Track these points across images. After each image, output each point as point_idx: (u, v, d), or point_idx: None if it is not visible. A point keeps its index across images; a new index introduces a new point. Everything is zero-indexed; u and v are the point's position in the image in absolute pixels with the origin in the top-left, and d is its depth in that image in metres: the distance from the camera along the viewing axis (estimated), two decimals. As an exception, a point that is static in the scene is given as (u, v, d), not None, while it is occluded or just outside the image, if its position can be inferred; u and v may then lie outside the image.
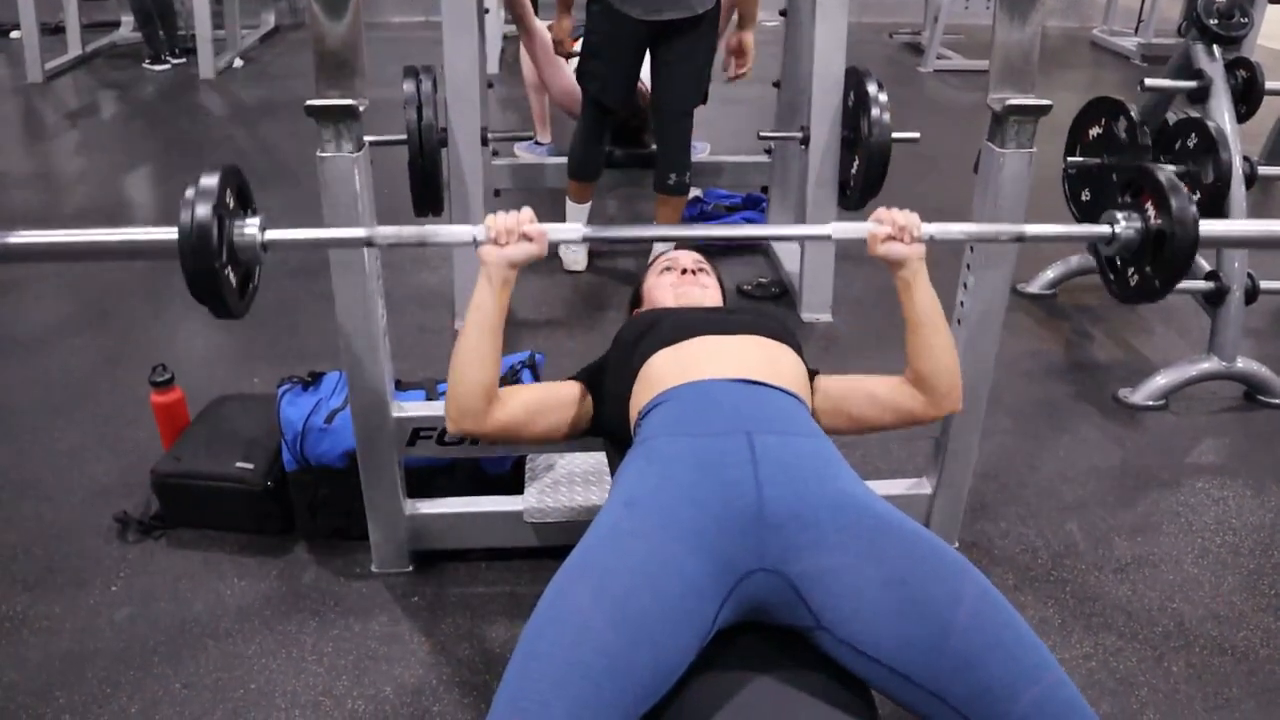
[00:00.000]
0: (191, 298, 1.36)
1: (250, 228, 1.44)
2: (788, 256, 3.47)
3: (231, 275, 1.42)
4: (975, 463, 2.08)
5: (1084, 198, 2.88)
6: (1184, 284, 2.80)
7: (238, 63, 6.58)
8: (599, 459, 2.08)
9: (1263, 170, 2.94)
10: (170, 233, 1.35)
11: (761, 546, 1.23)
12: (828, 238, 1.59)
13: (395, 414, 1.86)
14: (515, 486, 2.07)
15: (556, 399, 1.65)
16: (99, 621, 1.91)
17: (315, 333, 2.98)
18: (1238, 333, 2.73)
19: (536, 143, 4.39)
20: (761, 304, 3.30)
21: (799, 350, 1.65)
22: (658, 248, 3.40)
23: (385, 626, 1.91)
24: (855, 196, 2.88)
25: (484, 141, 3.00)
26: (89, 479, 2.33)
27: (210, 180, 1.38)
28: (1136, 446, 2.59)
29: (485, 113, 3.00)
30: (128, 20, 6.88)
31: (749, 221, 3.71)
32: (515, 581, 2.03)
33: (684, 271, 1.83)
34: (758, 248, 3.73)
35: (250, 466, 2.08)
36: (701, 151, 4.29)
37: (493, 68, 5.61)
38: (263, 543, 2.12)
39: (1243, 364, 2.76)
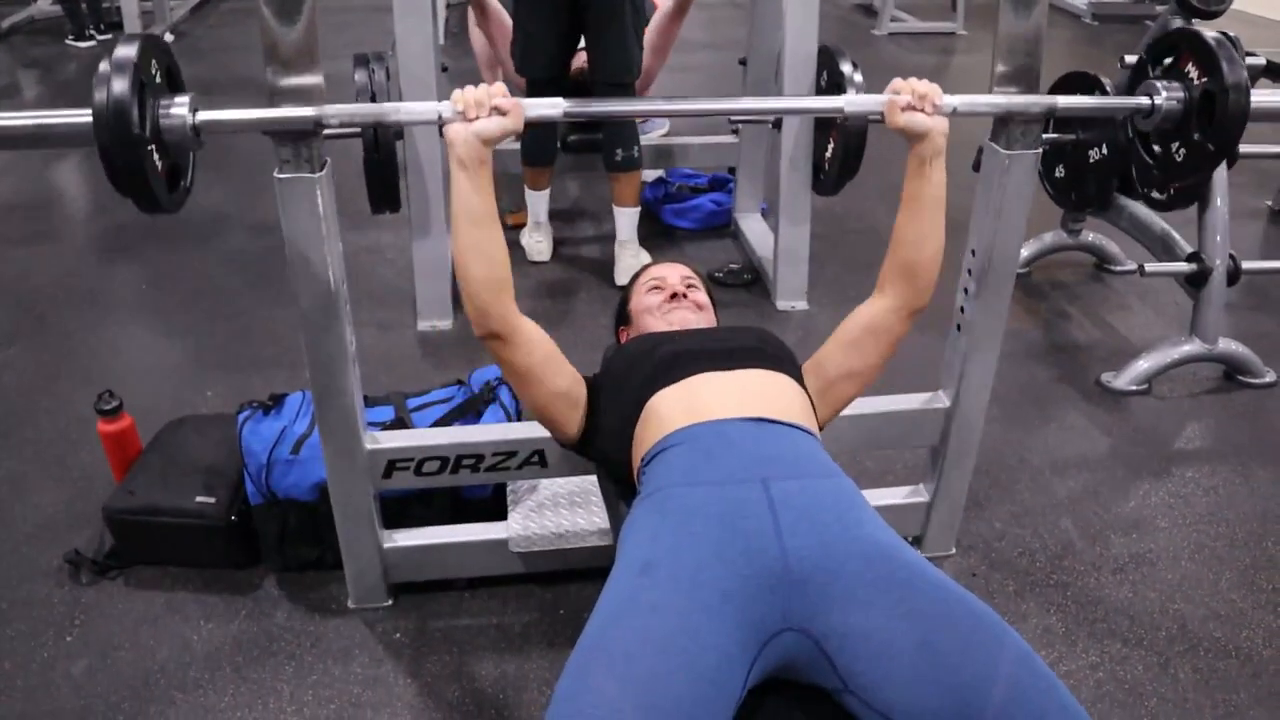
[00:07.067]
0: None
1: (179, 107, 1.30)
2: (758, 240, 3.37)
3: (159, 161, 1.28)
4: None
5: (1058, 174, 2.82)
6: (1164, 266, 2.76)
7: (168, 37, 6.24)
8: (581, 481, 1.98)
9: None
10: (86, 114, 1.21)
11: (787, 604, 1.14)
12: (840, 110, 1.54)
13: (369, 446, 1.74)
14: (497, 512, 1.96)
15: (565, 367, 1.49)
16: (54, 676, 1.77)
17: (268, 340, 2.82)
18: (1220, 314, 2.69)
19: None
20: (736, 292, 3.20)
21: (799, 371, 1.56)
22: (635, 259, 3.22)
23: (367, 668, 1.80)
24: (830, 180, 2.78)
25: (440, 131, 2.84)
26: (34, 512, 2.17)
27: (127, 51, 1.22)
28: (1123, 434, 2.55)
29: (441, 99, 2.85)
30: (45, -8, 6.51)
31: (716, 205, 3.59)
32: (501, 611, 1.93)
33: (674, 295, 1.71)
34: (725, 230, 3.62)
35: (211, 500, 1.94)
36: (661, 128, 4.17)
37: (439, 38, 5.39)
38: (229, 579, 1.98)
39: (1223, 345, 2.72)
